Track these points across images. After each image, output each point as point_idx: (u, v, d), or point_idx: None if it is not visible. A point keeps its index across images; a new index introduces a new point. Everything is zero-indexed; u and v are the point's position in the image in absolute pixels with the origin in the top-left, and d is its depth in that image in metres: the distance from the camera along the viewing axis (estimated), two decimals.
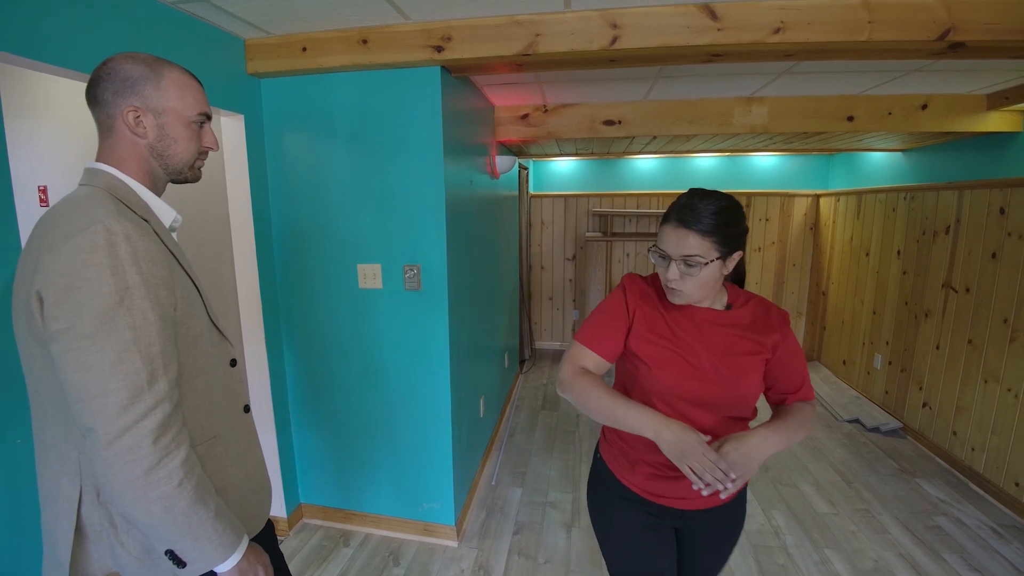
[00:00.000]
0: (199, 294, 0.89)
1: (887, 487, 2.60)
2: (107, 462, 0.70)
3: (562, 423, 3.34)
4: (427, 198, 1.88)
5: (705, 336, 1.04)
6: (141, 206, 0.83)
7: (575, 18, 1.55)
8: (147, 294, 0.74)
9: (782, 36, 1.51)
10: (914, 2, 1.47)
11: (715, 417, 1.05)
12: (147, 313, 0.74)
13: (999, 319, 2.49)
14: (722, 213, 0.96)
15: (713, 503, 1.10)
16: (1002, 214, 2.50)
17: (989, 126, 2.53)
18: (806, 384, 1.09)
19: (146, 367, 0.73)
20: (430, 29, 1.65)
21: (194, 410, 0.84)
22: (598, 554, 2.08)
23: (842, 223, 4.01)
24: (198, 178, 0.94)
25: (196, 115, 0.87)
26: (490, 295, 2.87)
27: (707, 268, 0.97)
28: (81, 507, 0.80)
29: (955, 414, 2.77)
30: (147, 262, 0.75)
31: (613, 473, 1.18)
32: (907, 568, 2.02)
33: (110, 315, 0.71)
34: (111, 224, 0.73)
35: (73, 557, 0.81)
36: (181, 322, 0.81)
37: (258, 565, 0.86)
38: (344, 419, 2.12)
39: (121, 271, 0.72)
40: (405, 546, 2.10)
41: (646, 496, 1.13)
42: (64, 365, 0.71)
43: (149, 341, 0.74)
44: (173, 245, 0.87)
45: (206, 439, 0.86)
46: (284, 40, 1.78)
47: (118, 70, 0.81)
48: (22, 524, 1.16)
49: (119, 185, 0.82)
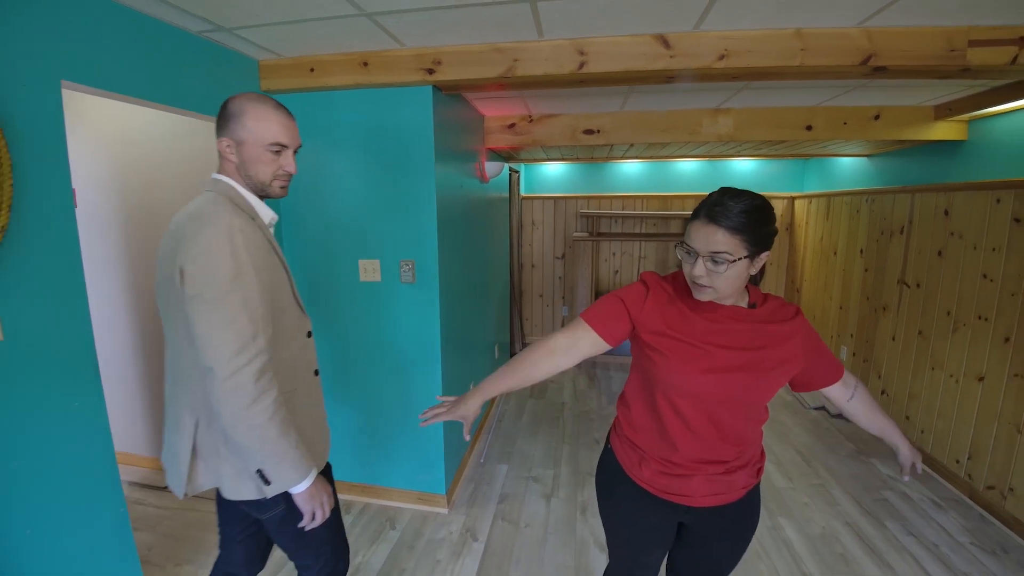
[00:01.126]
0: (287, 276, 1.16)
1: (843, 466, 2.83)
2: (220, 395, 0.97)
3: (548, 410, 3.58)
4: (420, 200, 2.11)
5: (734, 334, 1.02)
6: (248, 207, 1.12)
7: (548, 46, 1.79)
8: (254, 273, 1.01)
9: (726, 62, 1.74)
10: (839, 32, 1.71)
11: (740, 411, 1.05)
12: (253, 286, 1.01)
13: (943, 312, 2.73)
14: (753, 212, 0.94)
15: (734, 497, 1.11)
16: (946, 216, 2.74)
17: (936, 135, 2.77)
18: (837, 362, 1.13)
19: (251, 326, 0.99)
20: (422, 54, 1.88)
21: (279, 368, 1.10)
22: (574, 520, 2.32)
23: (814, 224, 4.26)
24: (280, 195, 1.18)
25: (270, 144, 1.10)
26: (480, 290, 3.11)
27: (733, 266, 0.94)
28: (196, 434, 1.09)
29: (908, 400, 3.01)
30: (253, 249, 1.03)
31: (621, 466, 1.19)
32: (851, 534, 2.25)
33: (228, 286, 0.97)
34: (231, 220, 1.01)
35: (188, 473, 1.10)
36: (273, 297, 1.09)
37: (323, 493, 1.13)
38: (344, 400, 2.35)
39: (237, 255, 0.99)
40: (400, 513, 2.33)
41: (654, 492, 1.13)
42: (194, 321, 0.97)
43: (253, 307, 1.00)
44: (270, 237, 1.15)
45: (286, 392, 1.12)
46: (294, 62, 2.01)
47: (224, 109, 1.10)
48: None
49: (232, 191, 1.11)
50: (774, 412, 3.57)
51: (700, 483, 1.08)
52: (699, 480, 1.08)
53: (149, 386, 2.61)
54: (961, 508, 2.44)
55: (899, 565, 2.05)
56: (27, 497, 1.30)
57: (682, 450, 1.07)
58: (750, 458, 1.12)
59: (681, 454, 1.07)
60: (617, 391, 3.94)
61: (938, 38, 1.69)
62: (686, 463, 1.08)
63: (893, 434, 1.21)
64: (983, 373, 2.45)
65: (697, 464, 1.07)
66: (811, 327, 1.11)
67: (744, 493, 1.13)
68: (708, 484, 1.08)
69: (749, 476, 1.13)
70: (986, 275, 2.45)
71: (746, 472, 1.12)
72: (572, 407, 3.62)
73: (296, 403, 1.16)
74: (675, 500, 1.11)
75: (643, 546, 1.22)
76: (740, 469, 1.10)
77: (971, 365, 2.53)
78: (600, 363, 4.64)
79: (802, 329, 1.07)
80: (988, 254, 2.44)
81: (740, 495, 1.12)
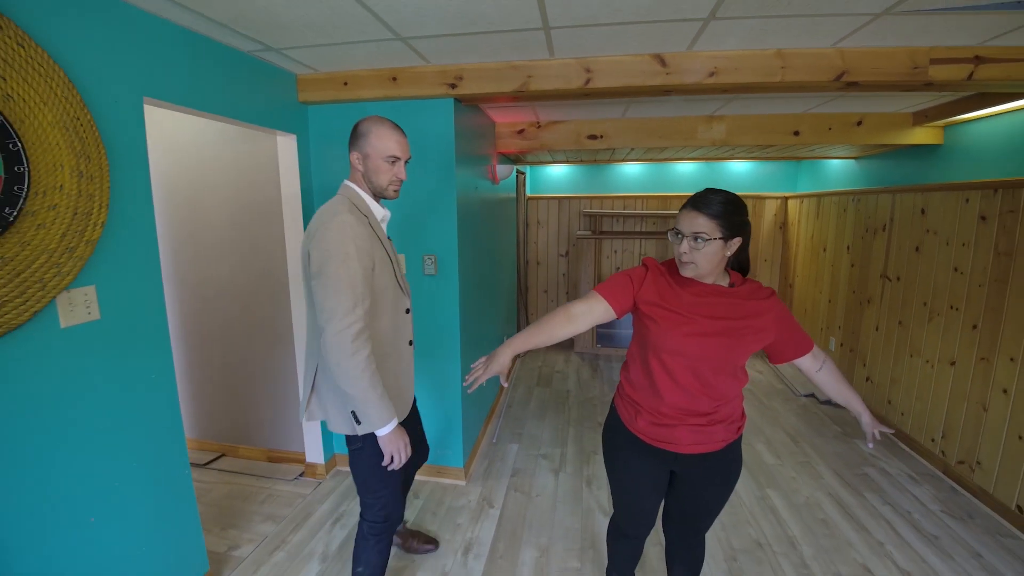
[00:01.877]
0: (390, 263, 1.49)
1: (828, 446, 3.06)
2: (327, 349, 1.29)
3: (554, 397, 3.81)
4: (442, 200, 2.34)
5: (715, 306, 1.24)
6: (364, 207, 1.46)
7: (558, 64, 2.02)
8: (357, 258, 1.32)
9: (716, 79, 1.97)
10: (816, 52, 1.94)
11: (719, 370, 1.25)
12: (356, 269, 1.31)
13: (920, 303, 2.96)
14: (727, 203, 1.19)
15: (714, 447, 1.31)
16: (923, 214, 2.97)
17: (915, 139, 2.99)
18: (806, 337, 1.35)
19: (352, 298, 1.30)
20: (446, 71, 2.11)
21: (379, 335, 1.44)
22: (581, 491, 2.55)
23: (805, 222, 4.48)
24: (393, 197, 1.51)
25: (387, 157, 1.43)
26: (491, 284, 3.34)
27: (710, 244, 1.18)
28: (315, 377, 1.45)
29: (890, 385, 3.24)
30: (360, 240, 1.34)
31: (622, 421, 1.41)
32: (832, 503, 2.48)
33: (337, 267, 1.29)
34: (345, 217, 1.34)
35: (306, 405, 1.47)
36: (376, 278, 1.40)
37: (401, 440, 1.41)
38: None
39: (345, 244, 1.31)
40: (422, 485, 2.56)
41: (647, 440, 1.35)
42: (314, 292, 1.32)
43: (355, 284, 1.30)
44: (379, 231, 1.48)
45: (382, 354, 1.44)
46: (329, 76, 2.24)
47: (355, 129, 1.45)
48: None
49: (354, 195, 1.46)
50: (767, 399, 3.80)
51: (684, 432, 1.30)
52: (683, 430, 1.30)
53: (190, 372, 2.84)
54: (935, 482, 2.67)
55: (874, 528, 2.28)
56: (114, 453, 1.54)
57: (669, 402, 1.29)
58: (728, 415, 1.33)
59: (668, 405, 1.30)
60: (618, 381, 4.16)
61: (903, 57, 1.92)
62: (672, 413, 1.30)
63: (856, 404, 1.42)
64: (954, 358, 2.68)
65: (681, 414, 1.30)
66: (784, 307, 1.32)
67: (723, 446, 1.35)
68: (691, 434, 1.31)
69: (728, 431, 1.34)
70: (957, 268, 2.68)
71: (724, 427, 1.33)
72: (576, 395, 3.85)
73: (389, 366, 1.48)
74: (664, 447, 1.33)
75: (639, 491, 1.43)
76: (719, 423, 1.32)
77: (944, 351, 2.76)
78: (603, 355, 4.87)
79: (775, 308, 1.28)
80: (959, 249, 2.67)
81: (720, 447, 1.34)
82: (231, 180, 2.55)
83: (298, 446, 2.73)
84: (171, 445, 1.71)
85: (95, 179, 1.40)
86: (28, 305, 1.26)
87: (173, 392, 1.71)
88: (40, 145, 1.27)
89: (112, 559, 1.51)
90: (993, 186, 2.47)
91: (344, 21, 1.64)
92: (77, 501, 1.41)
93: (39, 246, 1.28)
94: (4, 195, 1.19)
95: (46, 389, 1.33)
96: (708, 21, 1.64)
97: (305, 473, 2.67)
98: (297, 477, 2.65)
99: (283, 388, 2.69)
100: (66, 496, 1.38)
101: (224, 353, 2.77)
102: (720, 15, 1.59)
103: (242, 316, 2.69)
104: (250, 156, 2.50)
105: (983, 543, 2.18)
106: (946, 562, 2.06)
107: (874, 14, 1.59)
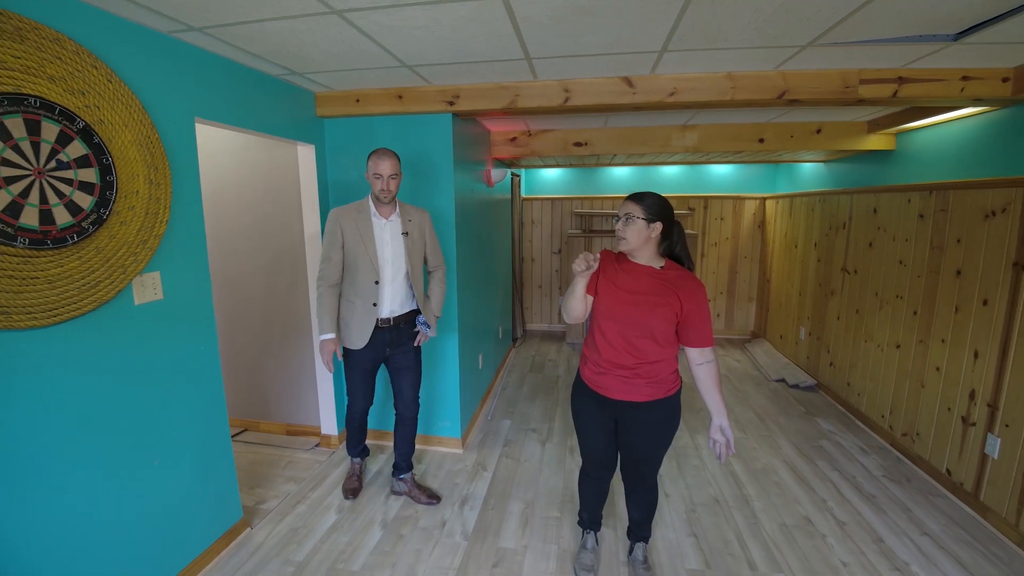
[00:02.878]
0: (365, 248, 2.14)
1: (791, 423, 3.38)
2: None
3: (545, 382, 4.14)
4: (441, 203, 2.67)
5: (639, 282, 1.60)
6: (366, 208, 2.18)
7: (541, 85, 2.35)
8: (339, 235, 2.14)
9: (676, 97, 2.30)
10: (761, 75, 2.26)
11: (639, 335, 1.59)
12: (334, 240, 2.14)
13: (873, 293, 3.28)
14: (651, 197, 1.57)
15: (639, 398, 1.63)
16: (875, 213, 3.29)
17: (870, 145, 3.31)
18: (708, 334, 1.60)
19: (325, 255, 2.15)
20: (445, 90, 2.44)
21: (349, 287, 2.19)
22: (564, 458, 2.88)
23: (780, 221, 4.81)
24: (385, 201, 2.16)
25: (374, 174, 2.10)
26: (488, 280, 3.67)
27: (635, 223, 1.55)
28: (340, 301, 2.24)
29: (849, 369, 3.56)
30: (346, 225, 2.14)
31: (580, 375, 1.78)
32: (787, 469, 2.81)
33: (326, 237, 2.14)
34: (342, 210, 2.18)
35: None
36: (347, 250, 2.16)
37: (325, 352, 2.15)
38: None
39: (332, 224, 2.15)
40: (424, 453, 2.90)
41: (593, 388, 1.70)
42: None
43: (328, 244, 2.15)
44: (364, 225, 2.16)
45: (348, 301, 2.19)
46: (343, 94, 2.58)
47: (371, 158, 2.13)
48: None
49: (365, 201, 2.20)
50: (740, 383, 4.12)
51: (612, 380, 1.65)
52: (611, 378, 1.65)
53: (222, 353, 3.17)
54: (883, 453, 2.99)
55: (820, 489, 2.60)
56: (173, 408, 1.88)
57: (604, 356, 1.66)
58: (653, 375, 1.62)
59: (604, 359, 1.66)
60: None
61: (836, 78, 2.24)
62: (605, 365, 1.66)
63: (716, 407, 1.61)
64: (899, 342, 3.00)
65: (611, 366, 1.65)
66: (705, 304, 1.59)
67: (649, 399, 1.64)
68: (617, 382, 1.65)
69: (652, 388, 1.63)
70: (901, 261, 3.00)
71: (648, 383, 1.63)
72: (565, 380, 4.18)
73: (351, 311, 2.19)
74: (601, 392, 1.68)
75: (589, 431, 1.78)
76: (641, 379, 1.62)
77: (891, 335, 3.08)
78: None
79: (695, 298, 1.57)
80: (903, 244, 2.99)
81: (645, 399, 1.63)
82: (253, 183, 2.89)
83: (314, 420, 3.06)
84: (214, 406, 2.05)
85: (161, 186, 1.74)
86: (114, 285, 1.60)
87: (216, 362, 2.05)
88: (123, 159, 1.61)
89: (169, 500, 1.85)
90: (928, 188, 2.79)
91: (361, 54, 1.97)
92: (147, 446, 1.75)
93: (122, 239, 1.62)
94: (100, 198, 1.53)
95: (125, 352, 1.67)
96: (662, 53, 1.97)
97: (320, 444, 3.01)
98: (313, 447, 2.98)
99: (299, 368, 3.03)
100: (140, 439, 1.72)
101: (246, 338, 3.11)
102: (671, 48, 1.92)
103: (263, 305, 3.03)
104: (269, 162, 2.84)
105: (915, 501, 2.50)
106: (879, 516, 2.39)
107: (800, 46, 1.92)
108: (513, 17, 1.61)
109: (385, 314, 2.21)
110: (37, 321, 1.41)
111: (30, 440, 1.40)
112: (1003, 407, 2.26)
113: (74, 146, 1.47)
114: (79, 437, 1.52)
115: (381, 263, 2.16)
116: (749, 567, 2.02)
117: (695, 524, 2.30)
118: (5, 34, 1.32)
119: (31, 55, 1.37)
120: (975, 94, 2.19)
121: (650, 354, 1.62)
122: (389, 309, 2.22)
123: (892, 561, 2.06)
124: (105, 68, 1.54)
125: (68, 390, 1.49)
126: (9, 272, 1.35)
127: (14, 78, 1.34)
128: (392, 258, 2.19)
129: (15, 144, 1.34)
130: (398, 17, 1.61)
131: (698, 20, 1.65)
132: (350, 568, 2.00)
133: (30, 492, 1.41)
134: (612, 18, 1.62)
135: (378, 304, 2.18)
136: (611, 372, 1.65)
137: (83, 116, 1.49)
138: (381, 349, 2.25)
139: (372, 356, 2.24)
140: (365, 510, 2.38)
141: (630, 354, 1.62)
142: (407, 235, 2.21)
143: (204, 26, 1.71)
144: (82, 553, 1.54)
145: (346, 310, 2.20)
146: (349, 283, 2.18)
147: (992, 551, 2.12)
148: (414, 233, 2.24)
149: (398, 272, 2.21)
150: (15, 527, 1.37)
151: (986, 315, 2.36)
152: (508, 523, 2.29)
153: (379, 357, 2.27)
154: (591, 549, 2.01)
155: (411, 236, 2.22)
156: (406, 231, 2.21)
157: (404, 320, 2.28)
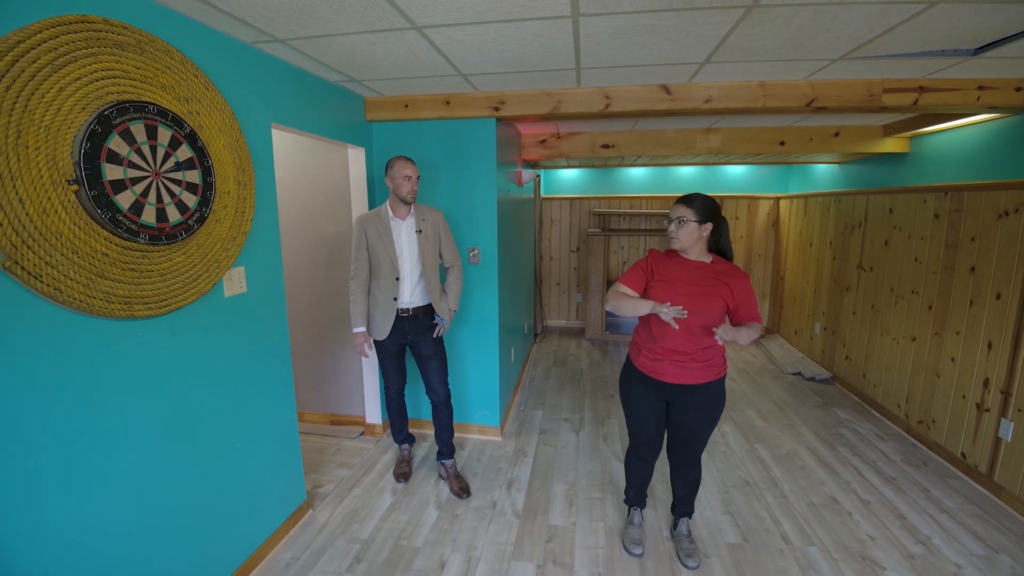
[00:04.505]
0: (386, 249, 2.34)
1: (810, 412, 3.54)
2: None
3: (569, 375, 4.29)
4: (485, 200, 2.82)
5: (694, 276, 1.78)
6: (384, 212, 2.36)
7: (583, 92, 2.50)
8: (363, 236, 2.37)
9: (711, 104, 2.45)
10: (791, 83, 2.41)
11: (697, 323, 1.74)
12: (360, 242, 2.38)
13: (888, 289, 3.44)
14: (701, 199, 1.75)
15: (693, 381, 1.78)
16: (891, 213, 3.45)
17: (885, 148, 3.47)
18: (756, 313, 1.77)
19: (354, 258, 2.39)
20: (491, 96, 2.59)
21: (375, 283, 2.42)
22: (599, 445, 3.03)
23: (795, 220, 4.96)
24: (409, 201, 2.35)
25: (402, 176, 2.27)
26: (518, 276, 3.82)
27: (688, 225, 1.74)
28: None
29: (865, 361, 3.71)
30: (370, 227, 2.36)
31: (631, 361, 1.96)
32: (810, 454, 2.96)
33: (354, 240, 2.37)
34: (366, 214, 2.38)
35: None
36: (372, 250, 2.39)
37: (359, 343, 2.45)
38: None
39: (358, 227, 2.37)
40: (466, 440, 3.05)
41: (647, 373, 1.87)
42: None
43: (356, 248, 2.38)
44: (384, 227, 2.35)
45: (373, 295, 2.43)
46: (392, 100, 2.72)
47: (386, 166, 2.32)
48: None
49: (384, 206, 2.37)
50: (758, 376, 4.28)
51: (668, 366, 1.81)
52: (668, 364, 1.81)
53: None
54: (899, 439, 3.15)
55: (843, 472, 2.76)
56: (252, 395, 2.02)
57: (660, 343, 1.81)
58: (706, 358, 1.80)
59: (659, 345, 1.82)
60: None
61: (861, 87, 2.39)
62: (660, 351, 1.82)
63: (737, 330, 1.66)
64: (915, 334, 3.16)
65: (667, 352, 1.81)
66: (750, 288, 1.78)
67: (703, 381, 1.81)
68: (673, 367, 1.81)
69: (705, 371, 1.80)
70: (917, 258, 3.16)
71: (701, 367, 1.80)
72: (589, 373, 4.34)
73: (376, 306, 2.42)
74: (657, 377, 1.84)
75: (642, 413, 1.93)
76: (695, 363, 1.79)
77: (907, 329, 3.24)
78: (611, 341, 5.35)
79: (742, 285, 1.75)
80: (918, 242, 3.15)
81: (699, 381, 1.80)
82: (302, 183, 3.03)
83: (357, 410, 3.21)
84: (285, 393, 2.20)
85: (247, 186, 1.89)
86: (211, 279, 1.75)
87: (287, 352, 2.20)
88: (219, 161, 1.75)
89: (248, 481, 1.99)
90: (943, 189, 2.95)
91: (423, 64, 2.12)
92: (231, 428, 1.89)
93: (217, 236, 1.76)
94: (202, 198, 1.68)
95: (218, 341, 1.81)
96: (704, 64, 2.12)
97: (365, 432, 3.15)
98: (358, 435, 3.13)
99: (343, 360, 3.17)
100: (227, 422, 1.87)
101: (294, 330, 3.25)
102: (713, 60, 2.07)
103: (310, 299, 3.17)
104: (318, 163, 2.98)
105: (932, 483, 2.66)
106: (900, 495, 2.54)
107: (831, 59, 2.07)
108: (577, 34, 1.76)
109: (404, 305, 2.42)
110: (151, 311, 1.56)
111: (138, 424, 1.55)
112: (1016, 393, 2.42)
113: (183, 150, 1.61)
114: (178, 419, 1.67)
115: (399, 259, 2.38)
116: (783, 540, 2.18)
117: (730, 504, 2.45)
118: (129, 47, 1.46)
119: (148, 66, 1.51)
120: (990, 103, 2.34)
121: (705, 339, 1.77)
122: (408, 300, 2.42)
123: (915, 535, 2.22)
124: (204, 77, 1.69)
125: (173, 376, 1.64)
126: (131, 265, 1.50)
127: (136, 87, 1.48)
128: (408, 254, 2.40)
129: (138, 147, 1.48)
130: (472, 33, 1.76)
131: (744, 37, 1.80)
132: (413, 544, 2.15)
133: (133, 470, 1.56)
134: (667, 36, 1.77)
135: (398, 298, 2.40)
136: (668, 359, 1.80)
137: (189, 121, 1.63)
138: (403, 335, 2.46)
139: (396, 341, 2.47)
140: (419, 492, 2.53)
141: (688, 341, 1.77)
142: (420, 232, 2.40)
143: (287, 38, 1.85)
144: (177, 530, 1.69)
145: (372, 306, 2.43)
146: (375, 280, 2.41)
147: (1006, 525, 2.28)
148: (427, 231, 2.42)
149: (415, 267, 2.42)
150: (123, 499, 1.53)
151: (1000, 308, 2.52)
152: (555, 503, 2.44)
153: (403, 342, 2.49)
154: (638, 524, 2.16)
155: (424, 233, 2.41)
156: (419, 229, 2.40)
157: (423, 311, 2.46)
